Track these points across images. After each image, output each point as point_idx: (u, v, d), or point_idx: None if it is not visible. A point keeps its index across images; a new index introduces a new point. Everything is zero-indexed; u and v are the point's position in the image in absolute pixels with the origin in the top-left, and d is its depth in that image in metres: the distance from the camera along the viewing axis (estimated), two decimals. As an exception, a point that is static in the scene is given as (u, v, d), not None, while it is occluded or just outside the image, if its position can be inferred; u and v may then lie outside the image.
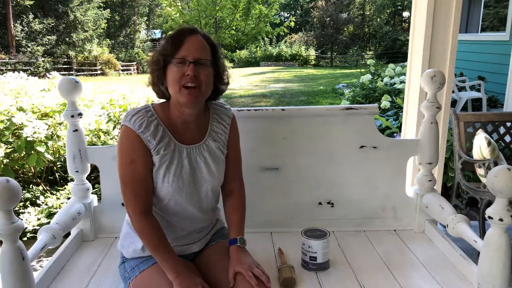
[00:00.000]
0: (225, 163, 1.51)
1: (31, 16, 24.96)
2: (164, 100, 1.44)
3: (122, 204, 1.86)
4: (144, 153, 1.35)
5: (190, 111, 1.38)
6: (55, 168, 3.68)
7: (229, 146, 1.52)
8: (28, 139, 3.06)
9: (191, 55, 1.30)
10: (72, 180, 2.62)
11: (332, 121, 1.88)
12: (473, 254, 2.24)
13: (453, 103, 6.55)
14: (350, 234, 1.91)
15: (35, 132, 3.04)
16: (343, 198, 1.94)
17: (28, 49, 23.92)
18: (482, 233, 2.54)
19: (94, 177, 3.50)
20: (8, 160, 3.19)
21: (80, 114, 1.77)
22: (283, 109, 1.87)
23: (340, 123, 1.88)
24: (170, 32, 1.39)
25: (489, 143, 2.63)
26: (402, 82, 6.02)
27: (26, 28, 24.74)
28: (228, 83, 1.49)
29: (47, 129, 3.16)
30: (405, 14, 34.58)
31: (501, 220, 1.27)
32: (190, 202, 1.42)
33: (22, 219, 2.21)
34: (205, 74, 1.33)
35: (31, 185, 3.55)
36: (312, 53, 30.31)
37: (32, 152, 3.12)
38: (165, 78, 1.35)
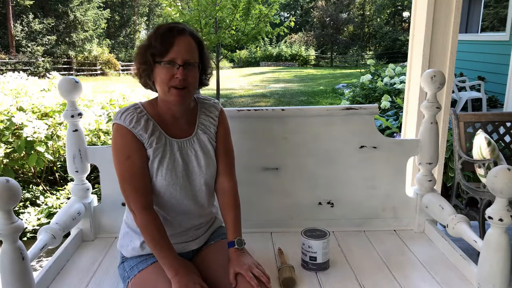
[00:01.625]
0: (215, 157, 1.51)
1: (31, 16, 24.97)
2: (152, 98, 1.47)
3: (122, 204, 1.87)
4: (139, 147, 1.37)
5: (177, 108, 1.42)
6: (55, 168, 3.68)
7: (218, 139, 1.52)
8: (28, 139, 3.06)
9: (180, 57, 1.31)
10: (72, 180, 2.62)
11: (332, 121, 1.88)
12: (473, 254, 2.24)
13: (453, 103, 6.55)
14: (350, 234, 1.91)
15: (35, 132, 3.04)
16: (343, 198, 1.94)
17: (28, 49, 23.92)
18: (482, 233, 2.54)
19: (94, 177, 3.51)
20: (8, 160, 3.19)
21: (80, 114, 1.77)
22: (283, 109, 1.87)
23: (340, 123, 1.88)
24: (158, 26, 1.37)
25: (489, 143, 2.63)
26: (402, 82, 6.03)
27: (26, 28, 24.75)
28: (211, 74, 1.50)
29: (47, 129, 3.16)
30: (405, 14, 34.60)
31: (501, 220, 1.27)
32: (185, 195, 1.43)
33: (22, 219, 2.22)
34: (192, 76, 1.35)
35: (31, 185, 3.55)
36: (312, 53, 30.33)
37: (32, 152, 3.12)
38: (152, 74, 1.37)
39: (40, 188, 3.52)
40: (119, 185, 1.38)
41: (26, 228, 3.00)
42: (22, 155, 3.21)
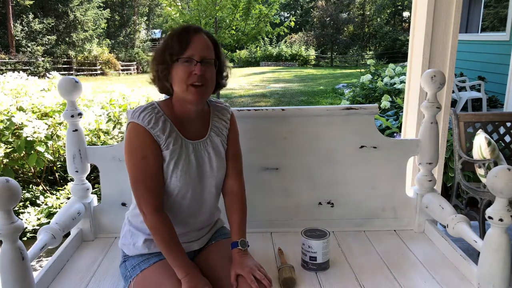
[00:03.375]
0: (226, 159, 1.52)
1: (31, 16, 24.95)
2: (167, 97, 1.46)
3: (122, 204, 1.87)
4: (155, 148, 1.36)
5: (194, 108, 1.42)
6: (55, 168, 3.68)
7: (229, 142, 1.53)
8: (28, 139, 3.06)
9: (197, 54, 1.33)
10: (72, 180, 2.62)
11: (332, 121, 1.88)
12: (473, 254, 2.24)
13: (453, 103, 6.55)
14: (350, 234, 1.91)
15: (35, 132, 3.04)
16: (343, 198, 1.94)
17: (28, 49, 23.91)
18: (482, 233, 2.54)
19: (94, 177, 3.51)
20: (8, 160, 3.19)
21: (80, 114, 1.77)
22: (283, 109, 1.87)
23: (340, 123, 1.88)
24: (173, 29, 1.40)
25: (489, 143, 2.63)
26: (402, 82, 6.02)
27: (26, 28, 24.73)
28: (227, 77, 1.51)
29: (47, 129, 3.16)
30: (405, 14, 34.58)
31: (501, 220, 1.27)
32: (195, 197, 1.43)
33: (22, 219, 2.21)
34: (210, 73, 1.37)
35: (31, 185, 3.55)
36: (312, 53, 30.31)
37: (32, 152, 3.11)
38: (170, 76, 1.37)
39: (40, 188, 3.52)
40: (131, 185, 1.37)
41: (26, 228, 3.00)
42: (22, 155, 3.21)
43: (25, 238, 2.96)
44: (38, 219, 3.10)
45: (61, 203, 3.25)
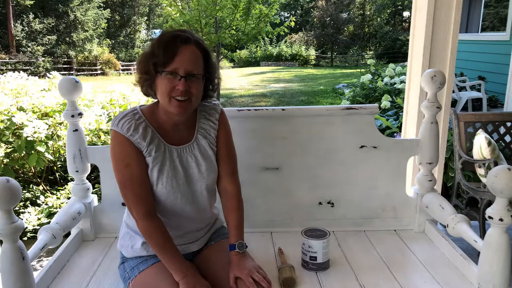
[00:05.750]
0: (216, 160, 1.48)
1: (31, 16, 24.96)
2: (153, 102, 1.43)
3: (123, 204, 1.87)
4: (137, 155, 1.34)
5: (179, 119, 1.38)
6: (55, 168, 3.68)
7: (219, 142, 1.49)
8: (28, 138, 3.06)
9: (182, 68, 1.27)
10: (72, 180, 2.62)
11: (332, 121, 1.88)
12: (473, 254, 2.24)
13: (453, 103, 6.55)
14: (350, 234, 1.91)
15: (35, 132, 3.04)
16: (343, 198, 1.94)
17: (28, 49, 23.92)
18: (482, 233, 2.54)
19: (94, 177, 3.51)
20: (8, 160, 3.19)
21: (80, 114, 1.77)
22: (283, 109, 1.87)
23: (340, 123, 1.88)
24: (163, 33, 1.33)
25: (489, 143, 2.63)
26: (402, 82, 6.02)
27: (26, 28, 24.74)
28: (219, 84, 1.46)
29: (47, 129, 3.17)
30: (405, 14, 34.59)
31: (501, 220, 1.27)
32: (186, 202, 1.42)
33: (22, 219, 2.22)
34: (195, 88, 1.31)
35: (31, 185, 3.55)
36: (312, 53, 30.34)
37: (32, 152, 3.12)
38: (154, 84, 1.32)
39: (40, 188, 3.52)
40: (120, 192, 1.36)
41: (26, 228, 3.00)
42: (22, 155, 3.21)
43: (25, 238, 2.96)
44: (39, 219, 3.10)
45: (62, 203, 3.25)
